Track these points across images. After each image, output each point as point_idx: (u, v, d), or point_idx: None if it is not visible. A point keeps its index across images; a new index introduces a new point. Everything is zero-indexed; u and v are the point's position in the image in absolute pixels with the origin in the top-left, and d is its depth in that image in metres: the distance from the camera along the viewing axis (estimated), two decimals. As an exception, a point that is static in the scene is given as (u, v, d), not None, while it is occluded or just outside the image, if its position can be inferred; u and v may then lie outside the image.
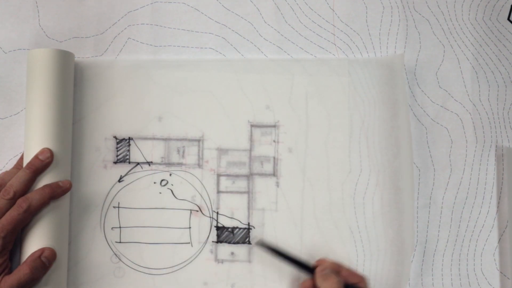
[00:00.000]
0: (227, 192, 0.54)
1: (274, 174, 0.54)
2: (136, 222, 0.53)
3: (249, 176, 0.54)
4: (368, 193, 0.54)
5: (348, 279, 0.49)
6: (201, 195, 0.54)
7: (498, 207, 0.56)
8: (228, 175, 0.54)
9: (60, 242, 0.48)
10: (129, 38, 0.56)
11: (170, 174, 0.54)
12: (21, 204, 0.46)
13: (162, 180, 0.54)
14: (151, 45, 0.56)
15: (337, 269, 0.49)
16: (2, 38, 0.55)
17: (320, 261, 0.51)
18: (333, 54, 0.57)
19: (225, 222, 0.54)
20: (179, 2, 0.57)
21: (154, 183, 0.54)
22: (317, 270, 0.49)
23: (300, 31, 0.57)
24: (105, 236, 0.53)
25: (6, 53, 0.55)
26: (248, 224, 0.54)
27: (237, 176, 0.54)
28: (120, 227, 0.53)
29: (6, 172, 0.50)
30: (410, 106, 0.57)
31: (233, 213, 0.54)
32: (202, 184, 0.54)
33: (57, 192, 0.48)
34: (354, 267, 0.53)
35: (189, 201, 0.54)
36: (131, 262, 0.53)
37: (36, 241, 0.47)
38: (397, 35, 0.58)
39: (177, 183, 0.54)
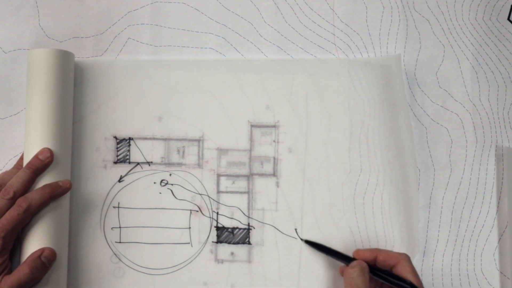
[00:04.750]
0: (227, 192, 0.54)
1: (274, 174, 0.54)
2: (136, 222, 0.53)
3: (249, 176, 0.54)
4: (368, 193, 0.54)
5: (386, 263, 0.49)
6: (201, 195, 0.54)
7: (498, 207, 0.56)
8: (228, 175, 0.54)
9: (60, 242, 0.48)
10: (129, 38, 0.56)
11: (170, 174, 0.54)
12: (21, 204, 0.46)
13: (162, 180, 0.54)
14: (151, 45, 0.56)
15: (373, 256, 0.49)
16: (2, 38, 0.55)
17: (356, 252, 0.51)
18: (333, 54, 0.57)
19: (225, 222, 0.54)
20: (179, 2, 0.57)
21: (154, 183, 0.54)
22: (348, 267, 0.49)
23: (300, 31, 0.57)
24: (105, 236, 0.53)
25: (6, 53, 0.55)
26: (248, 225, 0.54)
27: (237, 176, 0.54)
28: (120, 227, 0.53)
29: (6, 172, 0.50)
30: (410, 106, 0.57)
31: (233, 213, 0.54)
32: (202, 184, 0.54)
33: (57, 192, 0.48)
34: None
35: (189, 201, 0.54)
36: (131, 262, 0.53)
37: (36, 241, 0.47)
38: (397, 35, 0.58)
39: (177, 183, 0.54)
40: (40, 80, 0.49)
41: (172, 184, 0.54)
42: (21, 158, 0.51)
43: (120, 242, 0.53)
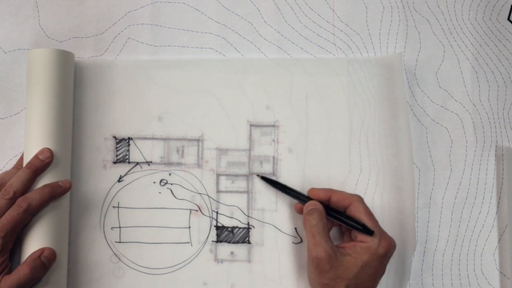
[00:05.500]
0: (226, 192, 0.54)
1: (274, 174, 0.54)
2: (136, 222, 0.53)
3: (249, 176, 0.54)
4: (368, 193, 0.54)
5: (340, 204, 0.49)
6: (200, 195, 0.54)
7: (498, 207, 0.56)
8: (227, 175, 0.54)
9: (60, 242, 0.48)
10: (129, 38, 0.56)
11: (170, 174, 0.54)
12: (21, 204, 0.46)
13: (161, 180, 0.54)
14: (151, 45, 0.56)
15: (328, 196, 0.50)
16: (2, 38, 0.56)
17: (310, 191, 0.51)
18: (333, 54, 0.57)
19: (224, 221, 0.54)
20: (179, 2, 0.57)
21: (154, 183, 0.54)
22: (304, 207, 0.50)
23: (300, 31, 0.57)
24: (105, 236, 0.53)
25: (6, 53, 0.55)
26: (248, 224, 0.54)
27: (236, 176, 0.54)
28: (119, 227, 0.53)
29: (6, 172, 0.50)
30: (410, 106, 0.57)
31: (233, 212, 0.54)
32: (201, 184, 0.54)
33: (57, 192, 0.48)
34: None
35: (188, 201, 0.54)
36: (130, 262, 0.53)
37: (36, 241, 0.47)
38: (397, 35, 0.58)
39: (176, 182, 0.54)
40: (40, 80, 0.49)
41: (171, 184, 0.54)
42: (21, 158, 0.51)
43: (120, 242, 0.53)
